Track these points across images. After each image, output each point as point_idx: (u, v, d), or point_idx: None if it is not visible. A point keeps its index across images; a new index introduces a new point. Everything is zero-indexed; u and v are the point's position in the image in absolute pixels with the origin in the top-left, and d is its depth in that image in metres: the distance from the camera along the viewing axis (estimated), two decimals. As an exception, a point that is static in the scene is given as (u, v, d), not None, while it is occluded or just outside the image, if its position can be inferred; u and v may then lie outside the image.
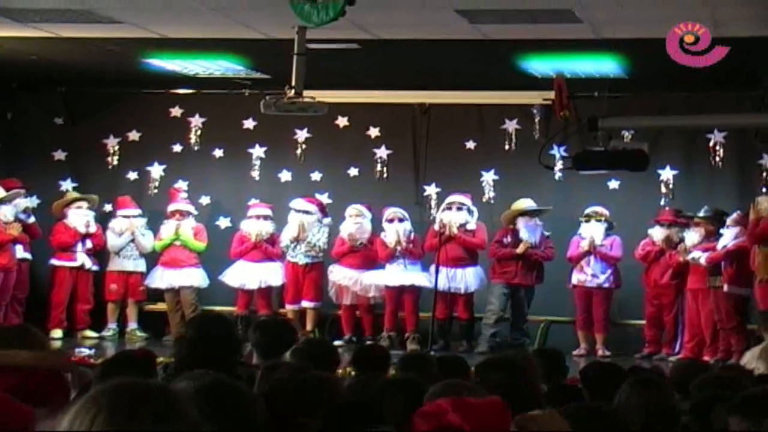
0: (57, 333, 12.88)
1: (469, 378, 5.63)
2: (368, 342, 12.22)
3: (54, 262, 13.30)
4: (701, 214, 12.12)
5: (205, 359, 4.85)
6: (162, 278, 13.34)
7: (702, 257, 11.78)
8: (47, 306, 13.14)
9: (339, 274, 12.97)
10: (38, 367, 4.17)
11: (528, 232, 12.58)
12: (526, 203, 12.75)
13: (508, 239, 12.65)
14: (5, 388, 3.58)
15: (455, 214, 12.67)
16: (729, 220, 11.94)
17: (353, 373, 6.30)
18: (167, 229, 13.37)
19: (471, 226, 12.73)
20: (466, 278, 12.69)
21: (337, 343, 11.85)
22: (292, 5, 7.84)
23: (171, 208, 13.46)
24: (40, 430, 2.98)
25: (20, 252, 12.93)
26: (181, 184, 13.87)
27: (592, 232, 12.54)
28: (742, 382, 5.20)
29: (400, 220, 12.85)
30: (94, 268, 13.44)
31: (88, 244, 13.32)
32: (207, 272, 13.38)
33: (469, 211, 12.79)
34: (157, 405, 2.23)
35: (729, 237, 11.78)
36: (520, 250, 12.51)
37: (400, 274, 12.77)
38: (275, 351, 5.83)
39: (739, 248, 11.59)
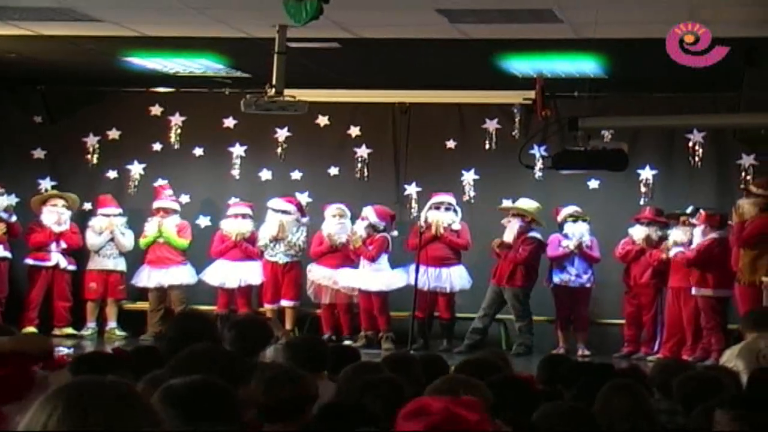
0: (30, 331, 12.76)
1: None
2: (345, 342, 12.25)
3: (29, 261, 13.24)
4: (688, 211, 12.15)
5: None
6: (150, 278, 13.29)
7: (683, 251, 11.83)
8: (23, 304, 13.09)
9: (317, 273, 12.95)
10: (19, 351, 4.12)
11: (507, 232, 12.60)
12: (521, 203, 12.76)
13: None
14: None
15: (443, 215, 12.66)
16: (694, 220, 11.97)
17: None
18: (150, 226, 13.33)
19: (456, 226, 12.72)
20: (451, 277, 12.68)
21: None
22: (284, 3, 7.80)
23: (155, 205, 13.42)
24: (10, 428, 2.95)
25: (1, 251, 12.87)
26: (161, 182, 13.81)
27: (581, 231, 12.53)
28: (724, 381, 5.20)
29: (362, 219, 12.84)
30: (70, 267, 13.38)
31: (63, 244, 13.26)
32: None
33: (455, 211, 12.79)
34: (113, 403, 2.21)
35: (697, 236, 11.83)
36: (494, 245, 12.53)
37: (369, 276, 12.72)
38: (251, 350, 5.78)
39: (708, 247, 11.62)
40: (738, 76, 10.30)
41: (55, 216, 13.21)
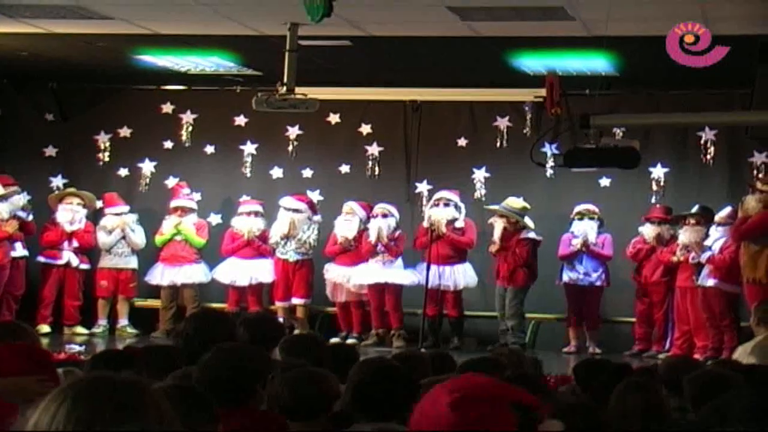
0: (44, 328, 12.82)
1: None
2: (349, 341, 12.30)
3: (41, 259, 13.28)
4: (694, 211, 12.12)
5: (200, 356, 4.84)
6: (163, 275, 13.32)
7: (705, 255, 11.74)
8: (38, 302, 13.13)
9: (333, 273, 12.95)
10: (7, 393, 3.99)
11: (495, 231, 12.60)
12: (508, 201, 12.72)
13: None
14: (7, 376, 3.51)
15: (442, 211, 12.63)
16: (718, 217, 11.94)
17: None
18: (168, 224, 13.36)
19: (459, 223, 12.69)
20: (455, 276, 12.66)
21: (333, 340, 11.85)
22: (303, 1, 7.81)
23: (173, 204, 13.44)
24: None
25: (20, 249, 12.93)
26: (175, 180, 13.85)
27: (585, 229, 12.51)
28: (732, 378, 5.20)
29: (384, 216, 12.80)
30: (82, 266, 13.40)
31: (75, 242, 13.29)
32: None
33: (457, 208, 12.74)
34: (122, 398, 2.19)
35: (718, 235, 11.78)
36: (492, 248, 12.53)
37: (378, 271, 12.73)
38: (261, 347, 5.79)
39: (728, 249, 11.59)
40: (751, 73, 10.28)
41: (69, 214, 13.24)
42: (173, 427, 2.26)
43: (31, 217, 13.15)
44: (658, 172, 12.98)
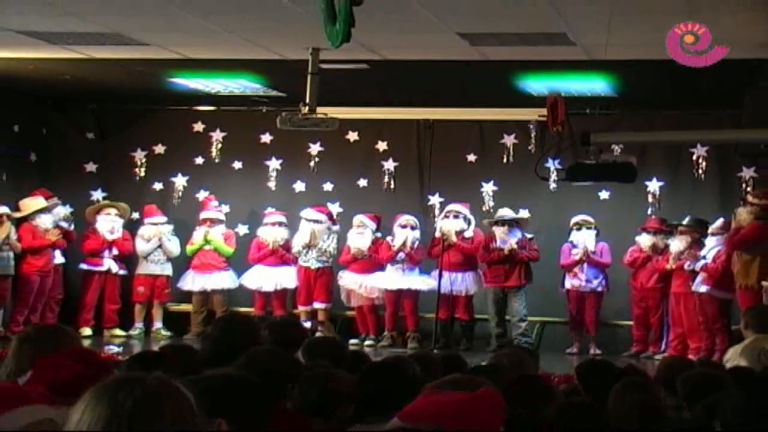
0: (86, 331, 12.91)
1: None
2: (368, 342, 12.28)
3: (83, 266, 13.34)
4: (685, 222, 12.11)
5: (226, 357, 4.85)
6: (194, 282, 13.36)
7: (699, 264, 11.70)
8: (79, 306, 13.18)
9: (347, 279, 12.96)
10: None
11: (504, 238, 12.52)
12: (501, 212, 12.70)
13: (494, 244, 12.58)
14: (65, 378, 3.49)
15: (452, 222, 12.63)
16: (712, 228, 11.91)
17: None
18: (198, 234, 13.40)
19: (468, 233, 12.70)
20: (466, 282, 12.67)
21: (352, 341, 11.90)
22: (324, 27, 7.81)
23: (202, 215, 13.49)
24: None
25: (59, 257, 13.01)
26: (204, 194, 13.90)
27: (584, 239, 12.49)
28: (723, 377, 5.19)
29: (413, 228, 12.81)
30: (121, 272, 13.47)
31: (115, 250, 13.36)
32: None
33: (466, 219, 12.74)
34: (139, 398, 2.18)
35: (713, 244, 11.75)
36: (507, 249, 12.44)
37: (398, 278, 12.73)
38: (285, 350, 5.78)
39: (720, 258, 11.56)
40: (740, 94, 10.27)
41: (109, 224, 13.32)
42: (192, 425, 2.23)
43: (72, 227, 13.22)
44: (654, 185, 12.97)
